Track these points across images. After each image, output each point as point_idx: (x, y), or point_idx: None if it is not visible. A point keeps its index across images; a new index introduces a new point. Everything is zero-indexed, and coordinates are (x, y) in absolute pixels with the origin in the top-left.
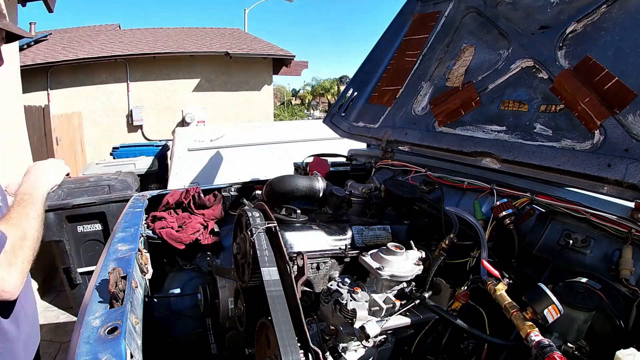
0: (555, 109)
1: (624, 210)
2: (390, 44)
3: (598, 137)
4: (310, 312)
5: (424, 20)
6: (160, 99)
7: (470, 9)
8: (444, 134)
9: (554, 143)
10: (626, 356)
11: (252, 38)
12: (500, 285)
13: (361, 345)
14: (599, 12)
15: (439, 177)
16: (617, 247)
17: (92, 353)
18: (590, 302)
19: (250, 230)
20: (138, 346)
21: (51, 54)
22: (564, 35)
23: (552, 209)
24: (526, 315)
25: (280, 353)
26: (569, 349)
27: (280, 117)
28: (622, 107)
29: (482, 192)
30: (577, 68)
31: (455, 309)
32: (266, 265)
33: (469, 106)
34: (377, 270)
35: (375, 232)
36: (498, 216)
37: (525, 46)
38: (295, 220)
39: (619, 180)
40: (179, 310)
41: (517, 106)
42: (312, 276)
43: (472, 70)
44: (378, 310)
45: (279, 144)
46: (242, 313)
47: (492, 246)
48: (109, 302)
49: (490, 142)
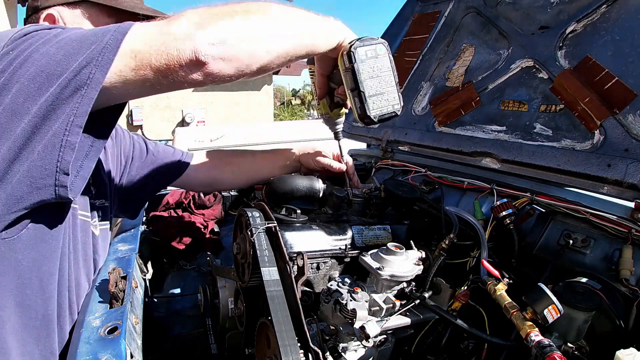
0: (555, 109)
1: (624, 210)
2: (390, 44)
3: (598, 137)
4: (310, 312)
5: (424, 20)
6: (160, 99)
7: (470, 9)
8: (444, 134)
9: (554, 143)
10: (626, 356)
11: None
12: (500, 285)
13: (361, 345)
14: (599, 12)
15: (439, 177)
16: (617, 247)
17: (92, 353)
18: (590, 302)
19: (250, 230)
20: (138, 346)
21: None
22: (564, 35)
23: (552, 209)
24: (526, 315)
25: (280, 353)
26: (569, 349)
27: (280, 117)
28: (622, 107)
29: (482, 192)
30: (577, 68)
31: (455, 309)
32: (266, 265)
33: (469, 106)
34: (377, 270)
35: (375, 232)
36: (498, 216)
37: (525, 46)
38: (295, 220)
39: (619, 180)
40: (179, 310)
41: (517, 106)
42: (312, 276)
43: (472, 70)
44: (378, 310)
45: (279, 144)
46: (242, 313)
47: (492, 246)
48: (109, 302)
49: (490, 142)
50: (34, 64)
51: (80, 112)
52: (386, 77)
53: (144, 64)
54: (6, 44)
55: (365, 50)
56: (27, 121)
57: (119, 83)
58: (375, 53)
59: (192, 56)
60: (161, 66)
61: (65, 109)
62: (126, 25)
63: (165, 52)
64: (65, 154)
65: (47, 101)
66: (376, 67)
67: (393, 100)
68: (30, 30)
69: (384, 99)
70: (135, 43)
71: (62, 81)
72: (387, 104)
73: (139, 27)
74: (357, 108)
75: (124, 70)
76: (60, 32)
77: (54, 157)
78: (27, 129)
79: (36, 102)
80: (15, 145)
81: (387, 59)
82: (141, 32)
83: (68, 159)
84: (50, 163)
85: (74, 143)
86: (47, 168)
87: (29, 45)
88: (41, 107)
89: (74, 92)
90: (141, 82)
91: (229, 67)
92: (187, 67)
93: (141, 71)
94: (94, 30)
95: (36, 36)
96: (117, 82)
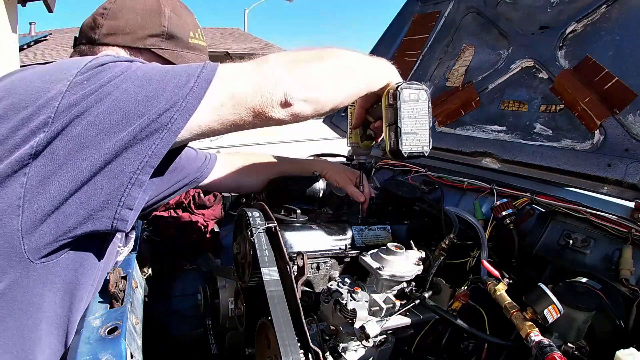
0: (555, 109)
1: (624, 210)
2: (390, 44)
3: (598, 137)
4: (310, 312)
5: (424, 21)
6: None
7: (470, 9)
8: (444, 134)
9: (554, 143)
10: (626, 356)
11: (252, 38)
12: (500, 285)
13: (361, 345)
14: (599, 12)
15: (439, 177)
16: (617, 247)
17: (92, 353)
18: (590, 302)
19: (250, 230)
20: (138, 346)
21: (51, 54)
22: (564, 35)
23: (552, 209)
24: (526, 315)
25: (280, 353)
26: (569, 349)
27: None
28: (622, 107)
29: (482, 192)
30: (577, 68)
31: (455, 309)
32: (266, 265)
33: (469, 106)
34: (377, 270)
35: (375, 232)
36: (498, 216)
37: (525, 46)
38: (295, 220)
39: (619, 180)
40: (179, 310)
41: (517, 106)
42: (312, 276)
43: (472, 70)
44: (378, 310)
45: (279, 144)
46: (242, 313)
47: (492, 246)
48: (109, 302)
49: (490, 142)
50: (112, 101)
51: (156, 153)
52: (422, 120)
53: (240, 103)
54: (80, 71)
55: (410, 92)
56: (98, 157)
57: (213, 121)
58: (417, 97)
59: (282, 98)
60: (255, 106)
61: (141, 148)
62: (210, 69)
63: (260, 94)
64: (133, 191)
65: (124, 139)
66: (415, 109)
67: (424, 142)
68: (107, 61)
69: (416, 138)
70: (232, 85)
71: (142, 121)
72: (418, 144)
73: (226, 69)
74: (391, 141)
75: (220, 110)
76: (140, 67)
77: (119, 192)
78: (96, 164)
79: (110, 138)
80: (79, 179)
81: (427, 105)
82: (235, 74)
83: (135, 195)
84: (115, 198)
85: (144, 182)
86: (110, 202)
87: (107, 80)
88: (115, 144)
89: (152, 134)
90: (233, 120)
91: (309, 108)
92: (276, 108)
93: (237, 110)
94: (176, 69)
95: (115, 69)
96: (211, 121)
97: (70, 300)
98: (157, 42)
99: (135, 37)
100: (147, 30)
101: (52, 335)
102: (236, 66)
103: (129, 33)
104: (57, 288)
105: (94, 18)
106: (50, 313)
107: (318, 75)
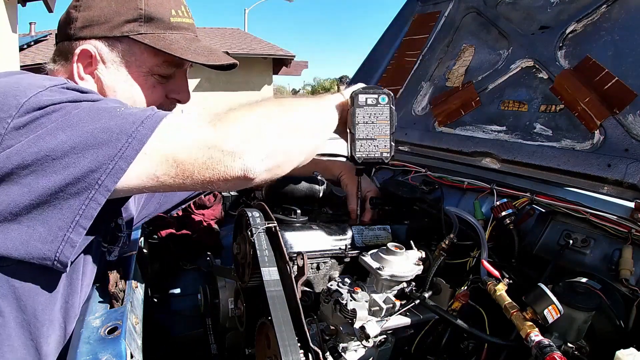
0: (555, 109)
1: (624, 210)
2: (390, 44)
3: (598, 137)
4: (310, 312)
5: (424, 20)
6: None
7: (470, 9)
8: (444, 134)
9: (554, 143)
10: (626, 356)
11: (252, 38)
12: (500, 285)
13: (361, 345)
14: (599, 12)
15: (439, 177)
16: (617, 247)
17: (92, 353)
18: (590, 302)
19: (250, 231)
20: (138, 346)
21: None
22: (564, 35)
23: (552, 209)
24: (526, 315)
25: (280, 353)
26: (569, 349)
27: None
28: (622, 107)
29: (482, 192)
30: (577, 68)
31: (455, 309)
32: (266, 265)
33: (469, 106)
34: (377, 270)
35: (375, 232)
36: (498, 216)
37: (525, 46)
38: (295, 220)
39: (619, 180)
40: (179, 310)
41: (517, 106)
42: (312, 276)
43: (472, 70)
44: (378, 310)
45: None
46: (242, 313)
47: (492, 246)
48: (109, 302)
49: (490, 142)
50: (42, 147)
51: (86, 214)
52: (382, 125)
53: (186, 175)
54: (18, 112)
55: (366, 97)
56: (28, 196)
57: (150, 185)
58: (376, 101)
59: (240, 174)
60: (205, 179)
61: (73, 204)
62: (149, 126)
63: (211, 167)
64: (65, 250)
65: (55, 186)
66: (373, 114)
67: (383, 148)
68: (46, 104)
69: (373, 144)
70: (176, 151)
71: (67, 175)
72: (375, 150)
73: (170, 128)
74: (348, 147)
75: (162, 177)
76: (75, 114)
77: (54, 247)
78: (32, 203)
79: (38, 181)
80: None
81: (388, 109)
82: (178, 136)
83: (68, 254)
84: (50, 251)
85: (76, 242)
86: (46, 255)
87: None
88: (47, 188)
89: (81, 192)
90: (176, 187)
91: (270, 175)
92: (232, 181)
93: (179, 179)
94: (108, 123)
95: (52, 115)
96: (148, 184)
97: (65, 305)
98: (135, 27)
99: (112, 25)
100: (123, 15)
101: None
102: (184, 124)
103: (105, 22)
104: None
105: (68, 12)
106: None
107: (279, 141)
